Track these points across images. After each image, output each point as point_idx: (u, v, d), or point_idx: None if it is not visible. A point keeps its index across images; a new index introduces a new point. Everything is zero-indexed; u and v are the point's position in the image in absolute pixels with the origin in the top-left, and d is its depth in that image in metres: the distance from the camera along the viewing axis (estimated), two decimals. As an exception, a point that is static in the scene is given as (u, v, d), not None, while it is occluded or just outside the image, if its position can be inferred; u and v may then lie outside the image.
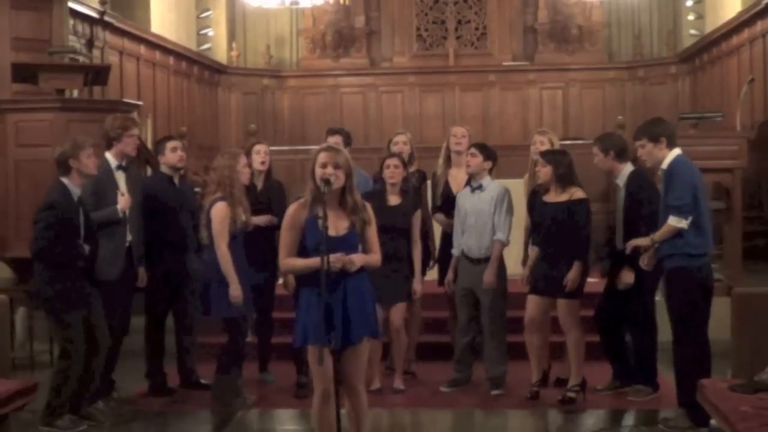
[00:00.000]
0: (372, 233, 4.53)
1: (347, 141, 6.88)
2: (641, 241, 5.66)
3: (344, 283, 4.37)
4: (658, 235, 5.48)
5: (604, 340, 6.43)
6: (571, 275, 6.11)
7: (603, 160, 6.20)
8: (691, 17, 14.79)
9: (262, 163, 6.63)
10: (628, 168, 6.21)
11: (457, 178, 6.81)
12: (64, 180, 5.67)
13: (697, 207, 5.38)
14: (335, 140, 6.70)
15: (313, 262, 4.29)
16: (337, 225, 4.40)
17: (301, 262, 4.43)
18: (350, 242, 4.42)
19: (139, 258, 6.31)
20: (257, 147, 6.71)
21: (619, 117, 12.10)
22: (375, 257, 4.54)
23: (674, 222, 5.37)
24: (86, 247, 5.68)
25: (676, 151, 5.51)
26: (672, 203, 5.37)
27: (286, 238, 4.48)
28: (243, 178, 6.06)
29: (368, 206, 4.57)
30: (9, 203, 7.52)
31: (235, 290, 5.88)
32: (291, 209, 4.51)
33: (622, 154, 6.19)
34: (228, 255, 5.88)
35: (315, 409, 4.51)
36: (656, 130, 5.53)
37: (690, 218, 5.35)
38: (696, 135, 7.76)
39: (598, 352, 6.57)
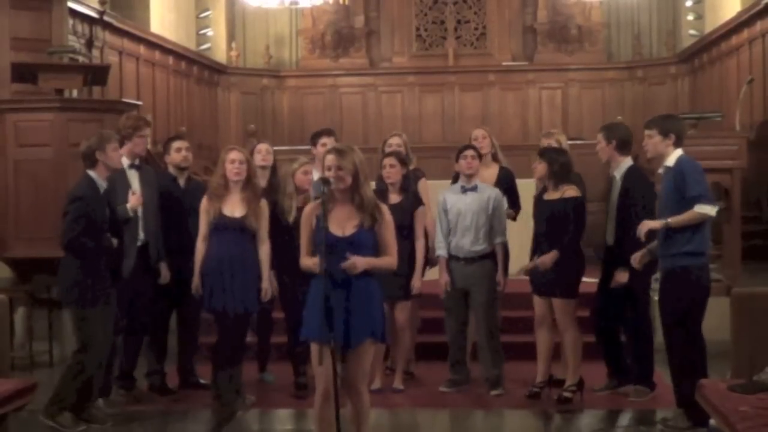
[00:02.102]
0: (386, 234, 4.51)
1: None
2: (654, 224, 5.54)
3: (349, 285, 4.39)
4: (678, 219, 5.36)
5: (600, 341, 6.43)
6: (545, 258, 6.10)
7: (604, 149, 6.19)
8: (690, 17, 14.80)
9: (263, 160, 6.66)
10: (626, 162, 6.21)
11: (482, 178, 6.77)
12: (91, 173, 5.70)
13: None
14: (330, 141, 6.77)
15: (316, 263, 4.40)
16: (344, 225, 4.44)
17: (308, 262, 4.51)
18: (357, 242, 4.44)
19: (157, 255, 6.33)
20: (258, 146, 6.79)
21: (619, 117, 12.11)
22: (388, 260, 4.54)
23: (704, 210, 5.31)
24: (114, 240, 5.70)
25: (680, 152, 5.52)
26: (698, 193, 5.33)
27: (303, 237, 4.58)
28: (229, 173, 5.95)
29: (383, 206, 4.57)
30: (9, 203, 7.52)
31: (195, 279, 5.93)
32: (307, 209, 4.62)
33: (624, 146, 6.18)
34: (200, 248, 5.96)
35: (316, 408, 4.52)
36: (668, 126, 5.55)
37: (717, 207, 5.35)
38: (695, 135, 7.75)
39: (596, 352, 6.57)
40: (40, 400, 5.58)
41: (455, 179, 6.93)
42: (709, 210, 5.34)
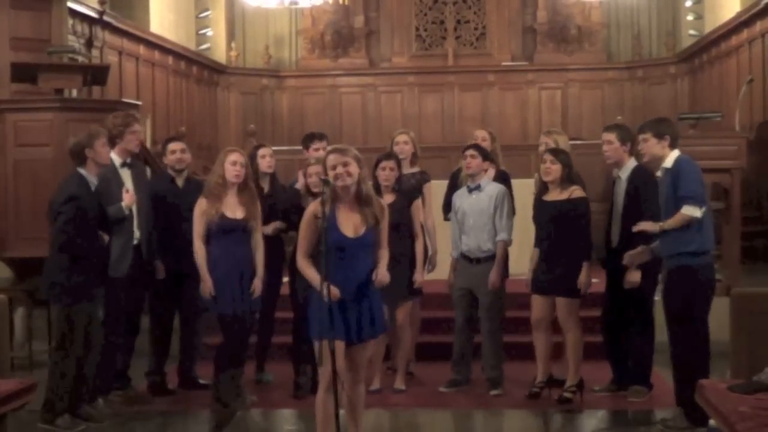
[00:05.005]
0: (385, 228, 4.62)
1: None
2: (649, 226, 5.57)
3: (356, 286, 4.50)
4: (669, 223, 5.40)
5: (607, 342, 6.43)
6: (582, 278, 6.11)
7: (618, 149, 6.19)
8: (690, 17, 14.82)
9: (269, 167, 6.64)
10: (632, 162, 6.22)
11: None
12: (81, 171, 5.68)
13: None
14: (323, 145, 6.73)
15: (315, 279, 4.46)
16: (355, 225, 4.51)
17: (308, 274, 4.56)
18: (367, 242, 4.53)
19: (152, 252, 6.32)
20: (261, 151, 6.67)
21: (619, 117, 12.10)
22: (386, 254, 4.64)
23: (689, 211, 5.31)
24: (105, 237, 5.69)
25: (677, 152, 5.53)
26: (686, 194, 5.33)
27: (302, 237, 4.60)
28: (229, 174, 5.87)
29: (381, 201, 4.68)
30: (8, 203, 7.52)
31: (206, 283, 5.75)
32: (309, 208, 4.63)
33: (632, 147, 6.19)
34: (201, 250, 5.76)
35: (319, 398, 4.58)
36: (662, 128, 5.56)
37: (704, 208, 5.35)
38: (695, 135, 7.75)
39: (598, 352, 6.57)
40: (40, 400, 5.58)
41: (452, 179, 6.96)
42: (695, 212, 5.31)
